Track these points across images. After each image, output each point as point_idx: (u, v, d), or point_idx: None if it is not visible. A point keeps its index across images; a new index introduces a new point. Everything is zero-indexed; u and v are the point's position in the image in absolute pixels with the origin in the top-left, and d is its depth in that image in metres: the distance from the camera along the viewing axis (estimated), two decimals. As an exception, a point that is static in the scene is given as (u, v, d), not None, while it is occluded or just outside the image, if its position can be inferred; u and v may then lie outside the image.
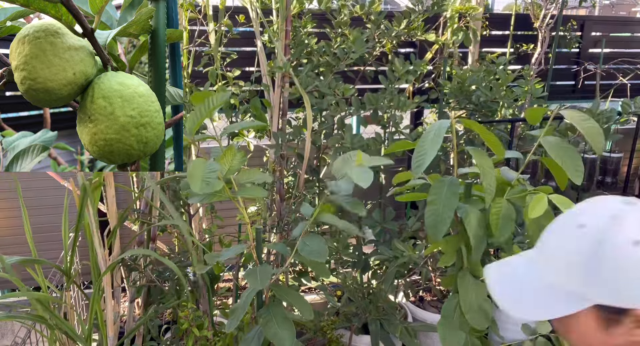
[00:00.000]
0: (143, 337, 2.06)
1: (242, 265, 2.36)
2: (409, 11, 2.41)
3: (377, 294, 2.11)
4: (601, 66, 3.34)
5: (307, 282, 2.27)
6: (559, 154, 1.06)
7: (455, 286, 1.22)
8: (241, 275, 2.61)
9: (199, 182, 1.03)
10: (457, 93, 2.46)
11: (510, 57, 2.98)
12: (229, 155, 1.20)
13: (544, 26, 3.03)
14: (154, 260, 2.10)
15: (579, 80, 3.43)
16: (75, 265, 2.04)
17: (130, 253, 1.76)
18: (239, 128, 1.34)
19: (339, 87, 2.14)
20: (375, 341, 2.05)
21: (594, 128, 1.00)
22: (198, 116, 1.12)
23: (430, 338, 2.48)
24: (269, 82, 2.29)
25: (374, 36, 2.44)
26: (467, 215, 1.12)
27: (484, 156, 1.11)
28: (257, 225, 1.35)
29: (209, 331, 1.87)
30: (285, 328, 1.22)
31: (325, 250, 1.15)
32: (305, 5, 2.40)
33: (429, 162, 0.99)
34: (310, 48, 2.31)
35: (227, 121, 2.41)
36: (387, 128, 2.26)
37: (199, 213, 2.40)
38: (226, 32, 2.40)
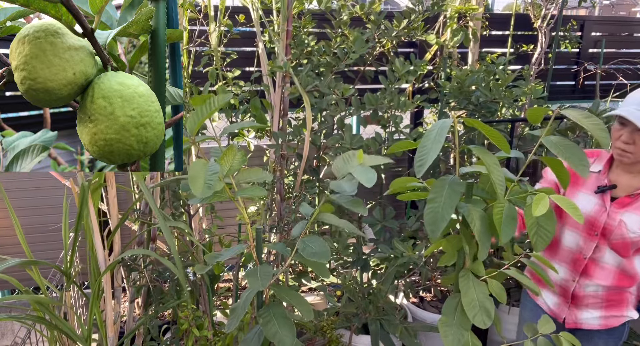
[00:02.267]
0: (143, 337, 2.06)
1: (242, 265, 2.36)
2: (409, 11, 2.41)
3: (377, 294, 2.11)
4: (601, 66, 3.34)
5: (307, 282, 2.27)
6: (563, 151, 1.06)
7: (457, 286, 1.22)
8: (241, 275, 2.61)
9: (200, 186, 1.03)
10: (457, 93, 2.46)
11: (510, 57, 2.98)
12: (229, 155, 1.19)
13: (544, 26, 3.02)
14: (154, 260, 2.10)
15: (579, 80, 3.43)
16: (75, 265, 2.04)
17: (130, 253, 1.76)
18: (238, 128, 1.34)
19: (339, 87, 2.14)
20: (375, 341, 2.05)
21: (597, 125, 1.00)
22: (199, 117, 1.12)
23: (430, 338, 2.47)
24: (269, 82, 2.29)
25: (374, 36, 2.44)
26: (469, 215, 1.11)
27: (488, 153, 1.10)
28: (257, 225, 1.35)
29: (209, 331, 1.87)
30: (285, 328, 1.21)
31: (327, 251, 1.15)
32: (305, 5, 2.40)
33: (432, 161, 0.98)
34: (310, 48, 2.31)
35: (227, 121, 2.41)
36: (387, 128, 2.26)
37: (199, 213, 2.40)
38: (226, 32, 2.40)
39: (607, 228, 1.49)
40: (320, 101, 2.13)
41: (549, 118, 1.11)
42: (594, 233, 1.52)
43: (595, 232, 1.52)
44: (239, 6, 2.53)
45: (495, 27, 3.12)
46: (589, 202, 1.53)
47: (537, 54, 3.08)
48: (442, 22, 2.86)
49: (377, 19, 2.43)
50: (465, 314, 1.18)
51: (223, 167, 1.17)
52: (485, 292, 1.20)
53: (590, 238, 1.53)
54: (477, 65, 2.90)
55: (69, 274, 1.73)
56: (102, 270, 1.65)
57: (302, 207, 1.29)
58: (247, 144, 2.58)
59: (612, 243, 1.49)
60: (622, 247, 1.48)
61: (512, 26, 3.13)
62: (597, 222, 1.51)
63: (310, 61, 2.31)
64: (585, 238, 1.55)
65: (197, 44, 2.39)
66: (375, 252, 2.21)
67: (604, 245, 1.52)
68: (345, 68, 2.29)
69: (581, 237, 1.56)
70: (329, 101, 2.12)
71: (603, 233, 1.50)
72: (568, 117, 1.02)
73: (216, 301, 2.44)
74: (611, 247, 1.50)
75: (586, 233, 1.54)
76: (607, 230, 1.49)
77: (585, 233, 1.55)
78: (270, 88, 2.26)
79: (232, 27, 2.38)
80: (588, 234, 1.54)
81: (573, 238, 1.58)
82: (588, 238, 1.54)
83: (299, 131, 2.15)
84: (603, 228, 1.50)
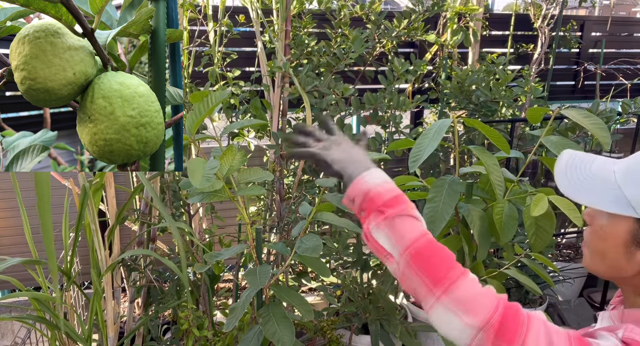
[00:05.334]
0: (143, 337, 2.06)
1: (242, 265, 2.35)
2: (409, 11, 2.41)
3: (377, 294, 2.11)
4: (601, 66, 3.34)
5: (307, 282, 2.27)
6: (562, 151, 1.06)
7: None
8: (241, 275, 2.61)
9: (199, 178, 1.03)
10: (457, 93, 2.46)
11: (510, 57, 2.97)
12: (229, 154, 1.20)
13: (544, 26, 3.03)
14: (154, 260, 2.10)
15: (579, 80, 3.43)
16: (75, 265, 2.04)
17: (130, 253, 1.76)
18: (238, 127, 1.34)
19: (339, 87, 2.14)
20: (375, 341, 2.05)
21: (598, 124, 1.00)
22: (197, 115, 1.12)
23: (430, 338, 2.47)
24: (269, 82, 2.29)
25: (374, 36, 2.44)
26: (469, 215, 1.12)
27: (487, 153, 1.11)
28: (257, 225, 1.35)
29: (209, 332, 1.87)
30: (284, 327, 1.21)
31: (319, 245, 1.15)
32: (305, 5, 2.40)
33: (426, 158, 0.99)
34: (310, 48, 2.31)
35: (227, 121, 2.41)
36: (387, 128, 2.26)
37: (199, 213, 2.40)
38: (226, 32, 2.40)
39: None
40: (320, 101, 2.13)
41: (549, 118, 1.11)
42: None
43: None
44: (239, 6, 2.54)
45: (495, 27, 3.12)
46: None
47: (537, 54, 3.08)
48: (442, 23, 2.86)
49: (377, 19, 2.43)
50: (465, 314, 1.18)
51: (223, 166, 1.17)
52: (485, 292, 1.20)
53: None
54: (477, 65, 2.90)
55: (69, 274, 1.73)
56: (102, 270, 1.65)
57: (301, 207, 1.30)
58: (247, 144, 2.58)
59: None
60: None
61: (512, 26, 3.13)
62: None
63: (310, 61, 2.31)
64: None
65: (197, 44, 2.39)
66: (375, 251, 2.21)
67: None
68: (345, 68, 2.29)
69: None
70: (329, 101, 2.12)
71: None
72: (568, 116, 1.02)
73: (216, 301, 2.44)
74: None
75: None
76: None
77: None
78: (270, 88, 2.26)
79: (232, 27, 2.38)
80: None
81: None
82: None
83: (299, 131, 2.14)
84: None
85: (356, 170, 0.86)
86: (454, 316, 0.71)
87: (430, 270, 0.74)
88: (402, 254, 0.77)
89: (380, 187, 0.82)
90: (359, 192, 0.82)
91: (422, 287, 0.74)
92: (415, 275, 0.75)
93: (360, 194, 0.82)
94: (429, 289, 0.73)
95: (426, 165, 2.53)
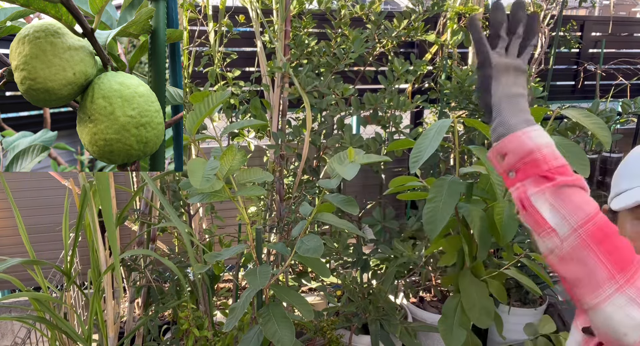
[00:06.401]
0: (143, 337, 2.06)
1: (242, 265, 2.35)
2: (409, 11, 2.41)
3: (377, 294, 2.11)
4: (601, 66, 3.34)
5: (307, 282, 2.27)
6: (563, 152, 1.06)
7: (457, 286, 1.22)
8: (241, 275, 2.61)
9: (199, 178, 1.03)
10: (457, 93, 2.45)
11: (510, 57, 2.96)
12: (229, 154, 1.20)
13: (544, 26, 3.02)
14: (154, 260, 2.10)
15: (579, 80, 3.43)
16: (75, 265, 2.04)
17: (130, 253, 1.76)
18: (238, 127, 1.34)
19: (339, 87, 2.14)
20: (375, 342, 2.05)
21: (598, 124, 0.99)
22: (198, 115, 1.12)
23: (430, 338, 2.47)
24: (268, 82, 2.29)
25: (374, 36, 2.44)
26: (469, 215, 1.12)
27: (486, 153, 1.10)
28: (257, 225, 1.35)
29: (209, 332, 1.87)
30: (284, 327, 1.21)
31: (320, 246, 1.15)
32: (305, 5, 2.40)
33: (426, 158, 0.98)
34: (310, 48, 2.31)
35: (227, 121, 2.41)
36: (387, 128, 2.26)
37: (199, 213, 2.40)
38: (226, 32, 2.40)
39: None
40: (320, 101, 2.13)
41: (549, 118, 1.11)
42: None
43: None
44: (239, 6, 2.54)
45: (495, 27, 3.11)
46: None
47: (537, 54, 3.08)
48: (442, 23, 2.86)
49: (377, 19, 2.43)
50: (465, 314, 1.18)
51: (223, 166, 1.17)
52: (485, 292, 1.20)
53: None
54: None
55: (69, 274, 1.73)
56: (102, 270, 1.65)
57: (302, 208, 1.30)
58: (247, 144, 2.58)
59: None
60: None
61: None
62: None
63: (310, 61, 2.31)
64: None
65: (197, 44, 2.39)
66: (375, 252, 2.21)
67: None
68: (345, 68, 2.29)
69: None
70: (329, 101, 2.12)
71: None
72: (568, 116, 1.02)
73: (216, 301, 2.44)
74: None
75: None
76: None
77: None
78: (269, 88, 2.26)
79: (232, 27, 2.38)
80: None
81: None
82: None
83: (298, 131, 2.15)
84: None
85: (518, 121, 0.71)
86: (638, 309, 0.60)
87: (614, 252, 0.62)
88: (576, 229, 0.63)
89: (548, 148, 0.69)
90: (517, 148, 0.69)
91: (600, 272, 0.61)
92: (594, 256, 0.62)
93: (520, 152, 0.69)
94: (611, 276, 0.61)
95: (426, 165, 2.53)
